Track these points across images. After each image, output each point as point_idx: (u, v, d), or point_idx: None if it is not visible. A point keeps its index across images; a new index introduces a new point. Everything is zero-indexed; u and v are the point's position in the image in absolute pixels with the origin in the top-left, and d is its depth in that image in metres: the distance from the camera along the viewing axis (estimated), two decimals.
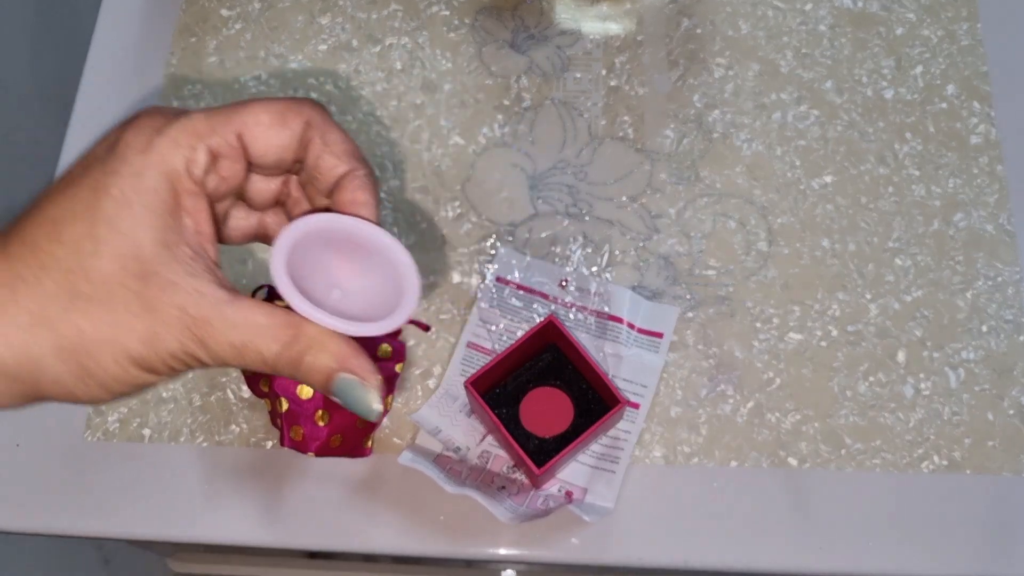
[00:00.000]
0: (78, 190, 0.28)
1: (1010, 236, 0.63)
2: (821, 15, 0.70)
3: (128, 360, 0.28)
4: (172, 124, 0.28)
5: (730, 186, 0.65)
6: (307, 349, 0.28)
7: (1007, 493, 0.57)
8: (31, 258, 0.27)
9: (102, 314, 0.27)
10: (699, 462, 0.58)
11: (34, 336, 0.27)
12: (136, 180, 0.27)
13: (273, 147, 0.30)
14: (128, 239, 0.27)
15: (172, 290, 0.27)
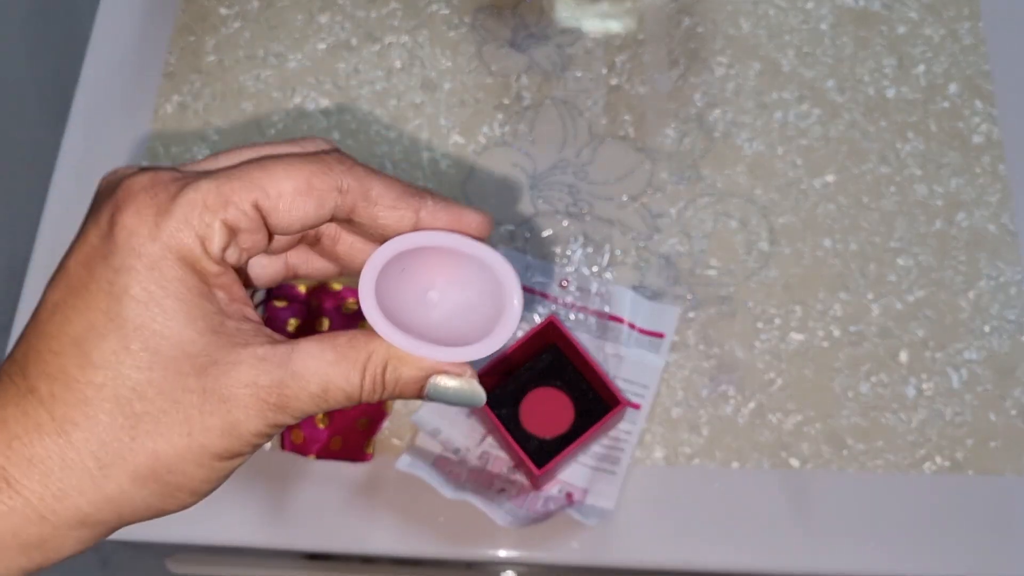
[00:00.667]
0: (91, 299, 0.24)
1: (1012, 236, 0.62)
2: (823, 14, 0.70)
3: (212, 459, 0.25)
4: (177, 201, 0.24)
5: (731, 185, 0.65)
6: (385, 368, 0.27)
7: (1009, 494, 0.56)
8: (69, 395, 0.24)
9: (172, 427, 0.25)
10: (700, 463, 0.58)
11: (108, 477, 0.24)
12: (155, 273, 0.24)
13: (297, 220, 0.26)
14: (170, 340, 0.24)
15: (235, 371, 0.25)
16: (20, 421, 0.24)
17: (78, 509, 0.24)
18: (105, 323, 0.24)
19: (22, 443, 0.24)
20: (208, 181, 0.25)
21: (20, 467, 0.24)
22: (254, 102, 0.69)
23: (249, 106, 0.69)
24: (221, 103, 0.69)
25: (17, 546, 0.24)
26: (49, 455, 0.24)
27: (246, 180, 0.25)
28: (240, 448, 0.26)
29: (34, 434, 0.24)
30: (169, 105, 0.70)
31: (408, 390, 0.27)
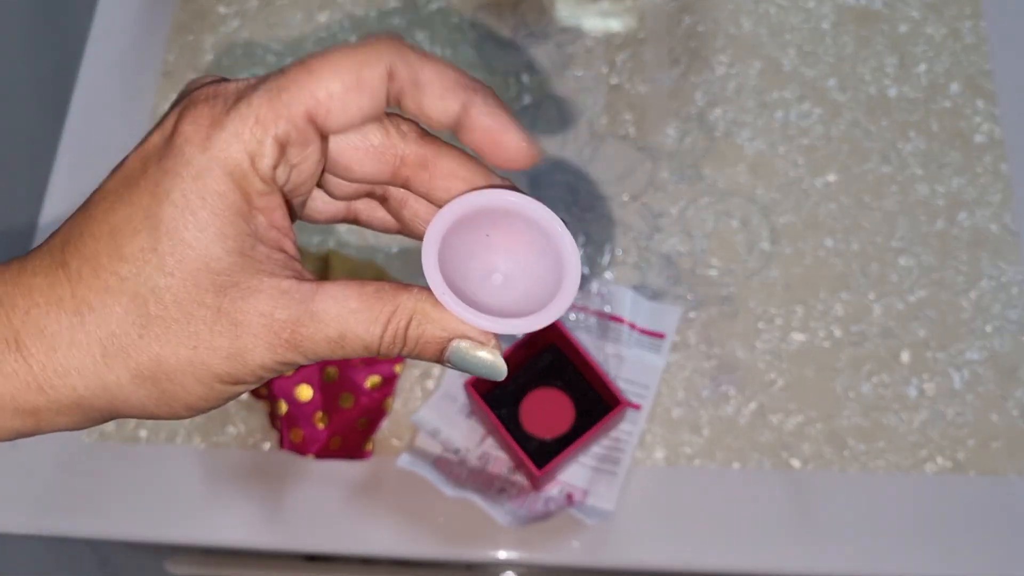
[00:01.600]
0: (137, 194, 0.25)
1: (1014, 235, 0.62)
2: (824, 12, 0.69)
3: (213, 378, 0.26)
4: (230, 115, 0.25)
5: (732, 185, 0.64)
6: (409, 324, 0.26)
7: (1011, 494, 0.56)
8: (94, 280, 0.25)
9: (180, 337, 0.25)
10: (701, 463, 0.57)
11: (109, 367, 0.25)
12: (198, 183, 0.24)
13: (352, 118, 0.25)
14: (196, 251, 0.24)
15: (253, 298, 0.25)
16: (44, 292, 0.25)
17: (74, 389, 0.25)
18: (141, 220, 0.25)
19: (40, 312, 0.25)
20: (260, 95, 0.25)
21: (32, 335, 0.25)
22: None
23: None
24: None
25: (13, 409, 0.25)
26: (61, 331, 0.25)
27: (295, 90, 0.25)
28: (243, 376, 0.26)
29: (53, 307, 0.25)
30: (167, 104, 0.69)
31: (429, 350, 0.26)
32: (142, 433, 0.60)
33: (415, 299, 0.26)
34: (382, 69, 0.25)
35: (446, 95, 0.26)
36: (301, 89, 0.24)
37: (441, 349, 0.26)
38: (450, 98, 0.26)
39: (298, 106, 0.24)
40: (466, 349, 0.26)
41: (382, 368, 0.58)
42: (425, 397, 0.59)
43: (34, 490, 0.59)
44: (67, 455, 0.59)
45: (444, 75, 0.26)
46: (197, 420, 0.60)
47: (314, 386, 0.56)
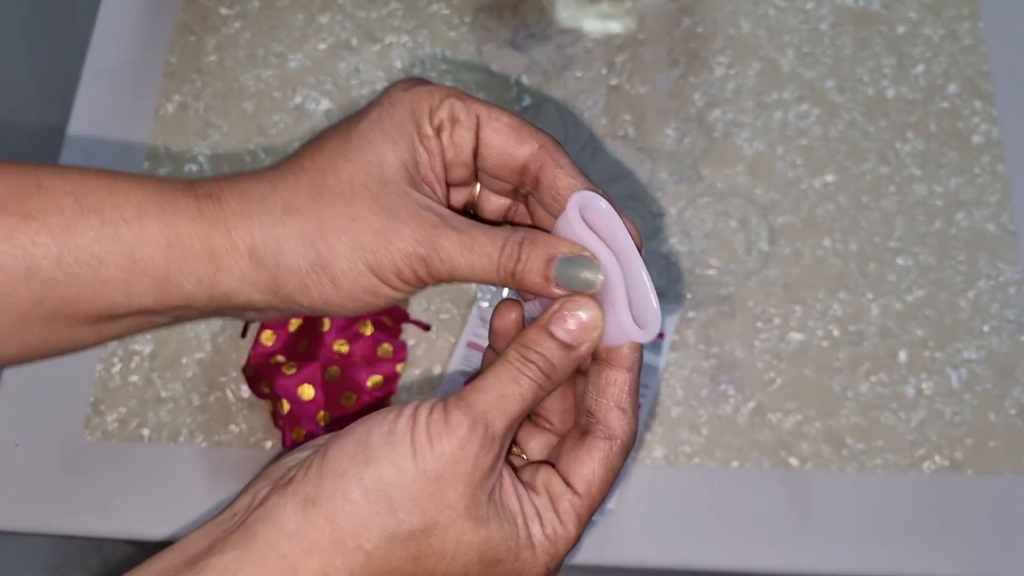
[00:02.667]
0: (351, 116, 0.32)
1: (1012, 236, 0.62)
2: (822, 14, 0.70)
3: (361, 252, 0.30)
4: (431, 86, 0.32)
5: (731, 185, 0.65)
6: (523, 241, 0.31)
7: (1009, 493, 0.56)
8: (295, 164, 0.31)
9: (343, 206, 0.30)
10: (700, 462, 0.58)
11: (283, 221, 0.30)
12: (392, 109, 0.32)
13: (499, 144, 0.32)
14: (375, 149, 0.31)
15: (407, 198, 0.31)
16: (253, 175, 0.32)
17: (251, 235, 0.30)
18: (345, 128, 0.32)
19: (246, 180, 0.31)
20: (458, 94, 0.32)
21: (231, 191, 0.31)
22: (255, 102, 0.69)
23: (250, 106, 0.69)
24: (222, 103, 0.69)
25: (202, 248, 0.31)
26: (255, 191, 0.31)
27: (481, 105, 0.32)
28: (384, 260, 0.30)
29: (257, 179, 0.31)
30: (170, 105, 0.70)
31: (537, 261, 0.30)
32: (145, 432, 0.60)
33: (526, 229, 0.32)
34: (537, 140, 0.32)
35: (579, 177, 0.32)
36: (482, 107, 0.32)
37: (549, 259, 0.31)
38: (580, 181, 0.32)
39: (475, 108, 0.32)
40: (570, 257, 0.31)
41: (384, 368, 0.59)
42: (426, 396, 0.60)
43: (37, 488, 0.59)
44: (70, 454, 0.60)
45: (577, 167, 0.32)
46: (199, 419, 0.60)
47: (316, 385, 0.57)
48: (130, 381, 0.61)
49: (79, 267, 0.30)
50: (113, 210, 0.30)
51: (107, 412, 0.61)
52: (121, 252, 0.30)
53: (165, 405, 0.61)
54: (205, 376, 0.61)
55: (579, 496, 0.31)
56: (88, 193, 0.30)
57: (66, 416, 0.61)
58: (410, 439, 0.29)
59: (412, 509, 0.28)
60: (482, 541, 0.29)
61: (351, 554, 0.28)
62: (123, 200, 0.31)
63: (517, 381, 0.30)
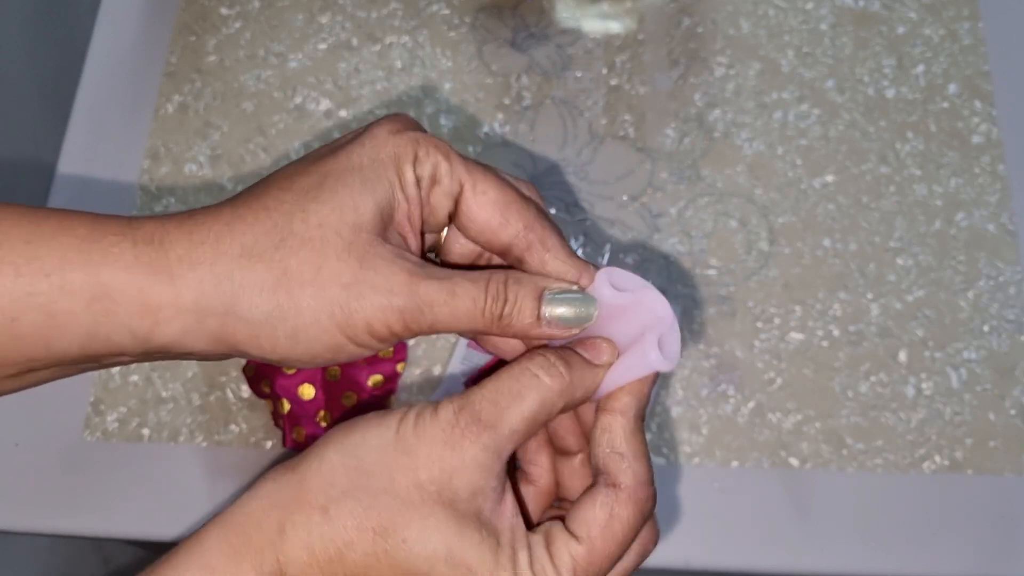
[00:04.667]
0: (323, 152, 0.30)
1: (1012, 236, 0.63)
2: (822, 14, 0.70)
3: (326, 308, 0.27)
4: (419, 133, 0.30)
5: (731, 185, 0.65)
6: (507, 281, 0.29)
7: (1009, 493, 0.57)
8: (256, 203, 0.28)
9: (309, 254, 0.27)
10: (700, 462, 0.58)
11: (240, 267, 0.27)
12: (372, 150, 0.29)
13: (481, 221, 0.30)
14: (351, 192, 0.28)
15: (382, 248, 0.28)
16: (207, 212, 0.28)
17: (199, 284, 0.27)
18: (317, 166, 0.29)
19: (194, 221, 0.28)
20: (445, 145, 0.30)
21: (176, 234, 0.27)
22: (255, 102, 0.69)
23: (250, 106, 0.69)
24: (222, 103, 0.69)
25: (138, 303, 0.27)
26: (205, 234, 0.27)
27: (470, 167, 0.30)
28: (355, 316, 0.27)
29: (210, 219, 0.28)
30: (170, 105, 0.70)
31: (526, 301, 0.29)
32: (145, 432, 0.60)
33: (507, 270, 0.30)
34: (525, 216, 0.30)
35: (568, 261, 0.30)
36: (470, 172, 0.30)
37: (538, 296, 0.29)
38: (570, 265, 0.30)
39: (459, 174, 0.29)
40: (557, 291, 0.29)
41: (384, 367, 0.59)
42: (426, 396, 0.60)
43: (37, 488, 0.59)
44: (70, 453, 0.60)
45: (567, 246, 0.31)
46: (200, 419, 0.60)
47: (316, 385, 0.57)
48: (130, 381, 0.61)
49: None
50: (32, 262, 0.27)
51: (107, 412, 0.61)
52: (37, 308, 0.27)
53: (165, 405, 0.61)
54: (205, 376, 0.61)
55: (576, 540, 0.29)
56: (2, 242, 0.27)
57: (66, 416, 0.61)
58: (397, 419, 0.28)
59: (381, 475, 0.27)
60: (454, 538, 0.27)
61: (312, 512, 0.27)
62: (43, 251, 0.27)
63: (517, 379, 0.28)
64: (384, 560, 0.27)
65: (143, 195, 0.67)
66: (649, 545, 0.32)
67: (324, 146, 0.31)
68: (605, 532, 0.29)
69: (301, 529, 0.27)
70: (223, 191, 0.67)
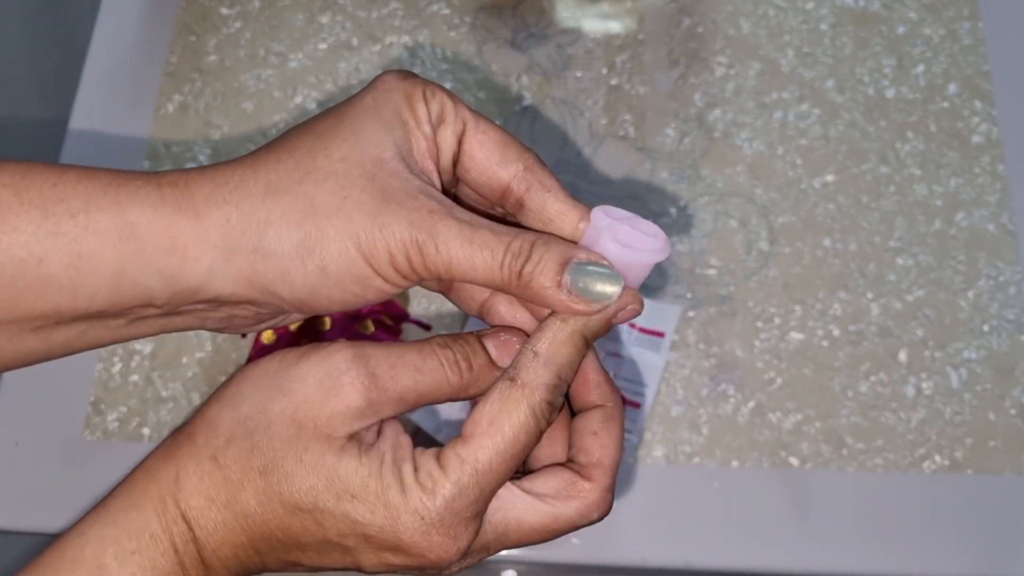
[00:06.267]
0: (338, 104, 0.30)
1: (1012, 235, 0.63)
2: (822, 14, 0.70)
3: (351, 235, 0.27)
4: (427, 82, 0.31)
5: (731, 185, 0.65)
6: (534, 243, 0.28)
7: (1009, 493, 0.56)
8: (277, 146, 0.29)
9: (334, 185, 0.27)
10: (700, 462, 0.58)
11: (265, 202, 0.27)
12: (385, 94, 0.30)
13: (482, 159, 0.30)
14: (370, 131, 0.29)
15: (405, 181, 0.28)
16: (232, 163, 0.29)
17: (227, 220, 0.27)
18: (336, 111, 0.30)
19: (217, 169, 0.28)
20: (450, 94, 0.31)
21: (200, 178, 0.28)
22: (255, 101, 0.69)
23: (250, 105, 0.69)
24: (222, 102, 0.70)
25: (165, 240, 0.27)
26: (230, 175, 0.28)
27: (472, 113, 0.31)
28: (377, 240, 0.27)
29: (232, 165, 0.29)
30: (170, 104, 0.70)
31: (548, 267, 0.28)
32: (145, 431, 0.60)
33: (534, 233, 0.29)
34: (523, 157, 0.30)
35: (567, 202, 0.30)
36: (472, 116, 0.30)
37: (562, 265, 0.28)
38: (570, 208, 0.30)
39: (463, 116, 0.30)
40: (584, 262, 0.29)
41: None
42: None
43: (37, 488, 0.59)
44: (71, 453, 0.60)
45: (564, 190, 0.31)
46: None
47: None
48: (130, 380, 0.61)
49: (15, 265, 0.27)
50: (57, 203, 0.27)
51: (107, 411, 0.61)
52: (65, 248, 0.27)
53: (165, 404, 0.61)
54: (205, 375, 0.61)
55: (462, 439, 0.28)
56: (29, 186, 0.27)
57: (66, 415, 0.61)
58: (276, 360, 0.29)
59: (258, 417, 0.28)
60: (332, 467, 0.27)
61: (202, 461, 0.28)
62: (70, 192, 0.27)
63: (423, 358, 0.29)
64: (274, 497, 0.27)
65: None
66: (593, 510, 0.30)
67: (343, 100, 0.31)
68: (491, 428, 0.28)
69: (194, 477, 0.28)
70: None
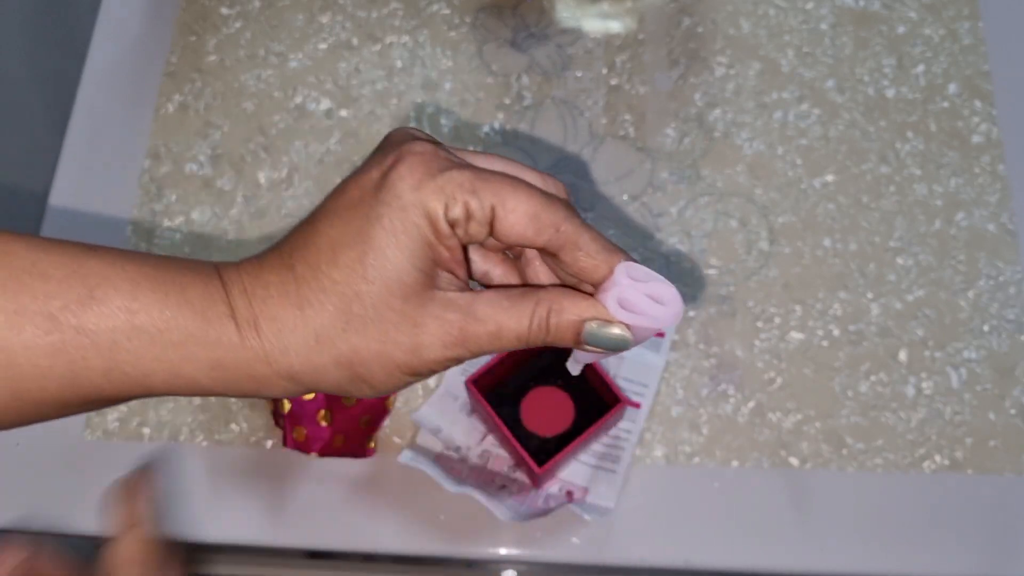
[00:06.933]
0: (354, 216, 0.32)
1: (1012, 235, 0.63)
2: (823, 14, 0.70)
3: (395, 368, 0.32)
4: (442, 174, 0.31)
5: (731, 185, 0.65)
6: (549, 313, 0.32)
7: (1008, 493, 0.57)
8: (314, 281, 0.32)
9: (373, 333, 0.31)
10: (700, 462, 0.58)
11: (318, 351, 0.32)
12: (403, 214, 0.31)
13: (516, 235, 0.32)
14: (393, 265, 0.31)
15: (430, 304, 0.31)
16: (277, 287, 0.32)
17: (291, 366, 0.32)
18: (355, 236, 0.31)
19: (273, 303, 0.32)
20: (470, 171, 0.31)
21: (267, 320, 0.32)
22: (255, 101, 0.69)
23: (250, 105, 0.69)
24: (222, 102, 0.70)
25: (245, 374, 0.32)
26: (286, 319, 0.32)
27: (495, 187, 0.31)
28: (419, 367, 0.32)
29: (283, 300, 0.32)
30: (170, 104, 0.70)
31: (567, 333, 0.32)
32: (145, 431, 0.60)
33: (552, 293, 0.32)
34: (555, 221, 0.32)
35: (598, 257, 0.32)
36: (499, 191, 0.31)
37: (577, 331, 0.32)
38: (601, 261, 0.32)
39: (490, 197, 0.31)
40: (598, 327, 0.32)
41: None
42: (426, 395, 0.60)
43: (38, 487, 0.59)
44: (71, 453, 0.60)
45: (598, 241, 0.32)
46: (200, 418, 0.60)
47: None
48: None
49: (124, 378, 0.32)
50: (163, 332, 0.32)
51: (108, 411, 0.61)
52: (166, 371, 0.32)
53: (166, 404, 0.61)
54: None
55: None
56: (140, 311, 0.32)
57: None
58: None
59: None
60: None
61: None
62: (172, 323, 0.32)
63: None
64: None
65: (143, 194, 0.67)
66: None
67: (354, 190, 0.32)
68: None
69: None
70: (223, 192, 0.67)
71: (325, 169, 0.67)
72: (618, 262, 0.32)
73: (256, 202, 0.66)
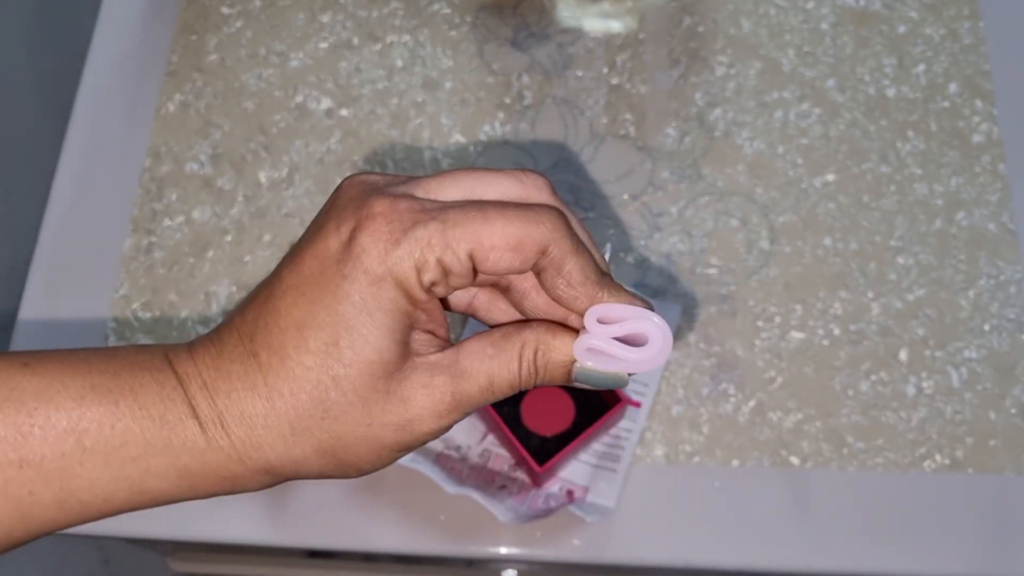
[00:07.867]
0: (318, 293, 0.29)
1: (1012, 235, 0.63)
2: (823, 13, 0.70)
3: (383, 448, 0.30)
4: (407, 236, 0.28)
5: (732, 184, 0.65)
6: (536, 354, 0.30)
7: (1009, 492, 0.57)
8: (282, 369, 0.29)
9: (356, 417, 0.29)
10: (700, 461, 0.58)
11: (295, 443, 0.29)
12: (374, 288, 0.28)
13: (503, 269, 0.29)
14: (371, 344, 0.28)
15: (413, 374, 0.29)
16: (241, 378, 0.29)
17: (267, 460, 0.29)
18: (324, 317, 0.28)
19: (239, 397, 0.29)
20: (436, 224, 0.28)
21: (234, 417, 0.29)
22: (256, 101, 0.69)
23: (251, 105, 0.69)
24: (223, 102, 0.70)
25: (216, 476, 0.30)
26: (256, 414, 0.29)
27: (467, 228, 0.28)
28: (411, 443, 0.30)
29: (250, 392, 0.29)
30: (171, 104, 0.70)
31: (557, 373, 0.30)
32: None
33: (536, 331, 0.30)
34: (541, 245, 0.29)
35: (578, 289, 0.30)
36: (472, 232, 0.28)
37: (567, 371, 0.30)
38: (580, 293, 0.30)
39: (465, 244, 0.28)
40: (590, 367, 0.30)
41: None
42: None
43: None
44: None
45: (584, 270, 0.29)
46: None
47: None
48: None
49: (81, 507, 0.29)
50: (117, 449, 0.29)
51: None
52: (128, 490, 0.29)
53: None
54: None
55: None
56: (88, 430, 0.28)
57: None
58: None
59: None
60: None
61: None
62: (127, 437, 0.29)
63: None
64: None
65: (143, 193, 0.67)
66: None
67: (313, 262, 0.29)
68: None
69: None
70: (224, 191, 0.67)
71: (325, 169, 0.67)
72: (601, 299, 0.30)
73: (256, 201, 0.66)
